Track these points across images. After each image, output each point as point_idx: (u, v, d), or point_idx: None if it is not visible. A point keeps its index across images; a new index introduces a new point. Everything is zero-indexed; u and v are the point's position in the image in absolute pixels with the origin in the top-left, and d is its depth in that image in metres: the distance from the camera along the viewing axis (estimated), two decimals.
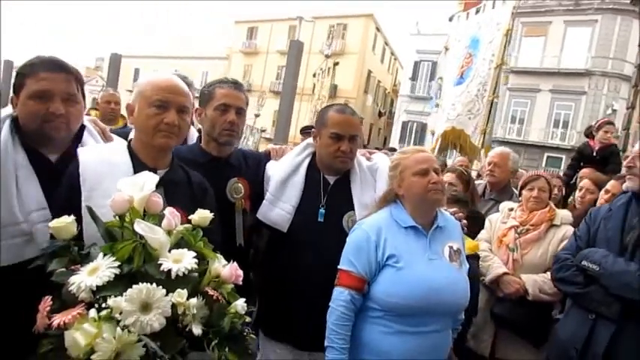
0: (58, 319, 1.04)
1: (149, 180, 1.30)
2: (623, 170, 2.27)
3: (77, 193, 1.45)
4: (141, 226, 1.17)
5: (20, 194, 1.50)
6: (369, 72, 33.57)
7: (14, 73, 1.59)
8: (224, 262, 1.33)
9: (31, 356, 1.13)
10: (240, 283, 1.30)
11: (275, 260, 2.14)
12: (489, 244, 2.94)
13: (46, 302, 1.11)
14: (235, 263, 1.31)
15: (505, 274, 2.71)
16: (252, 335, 1.30)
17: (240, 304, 1.24)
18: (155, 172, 1.44)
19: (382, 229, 1.82)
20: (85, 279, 1.09)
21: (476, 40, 7.26)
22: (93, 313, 1.06)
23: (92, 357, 1.00)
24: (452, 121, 7.20)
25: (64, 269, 1.17)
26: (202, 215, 1.37)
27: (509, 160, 3.70)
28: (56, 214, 1.31)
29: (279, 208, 2.09)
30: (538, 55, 24.25)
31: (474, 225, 2.86)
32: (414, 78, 29.40)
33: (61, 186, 1.50)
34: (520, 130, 24.44)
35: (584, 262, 2.06)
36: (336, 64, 12.24)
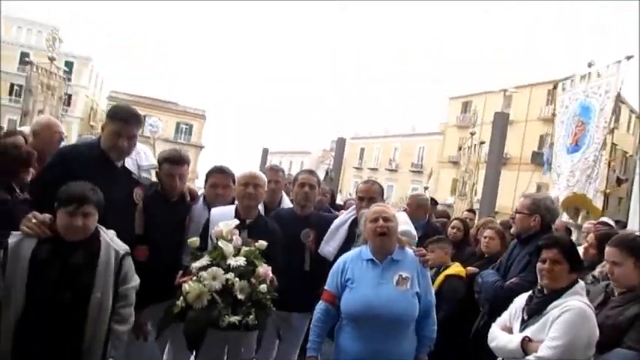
0: (182, 280, 2.40)
1: (233, 223, 2.62)
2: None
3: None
4: (221, 243, 2.47)
5: None
6: None
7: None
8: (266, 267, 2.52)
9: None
10: (269, 279, 2.47)
11: None
12: None
13: (180, 273, 2.49)
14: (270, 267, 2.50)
15: None
16: (273, 308, 2.45)
17: (262, 287, 2.40)
18: (245, 220, 2.77)
19: (348, 260, 2.65)
20: (195, 265, 2.44)
21: (586, 108, 7.67)
22: (195, 278, 2.38)
23: (188, 295, 2.30)
24: (572, 187, 7.66)
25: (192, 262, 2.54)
26: (261, 243, 2.60)
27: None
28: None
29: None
30: None
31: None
32: None
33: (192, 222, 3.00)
34: None
35: (478, 278, 3.35)
36: (482, 142, 12.14)
